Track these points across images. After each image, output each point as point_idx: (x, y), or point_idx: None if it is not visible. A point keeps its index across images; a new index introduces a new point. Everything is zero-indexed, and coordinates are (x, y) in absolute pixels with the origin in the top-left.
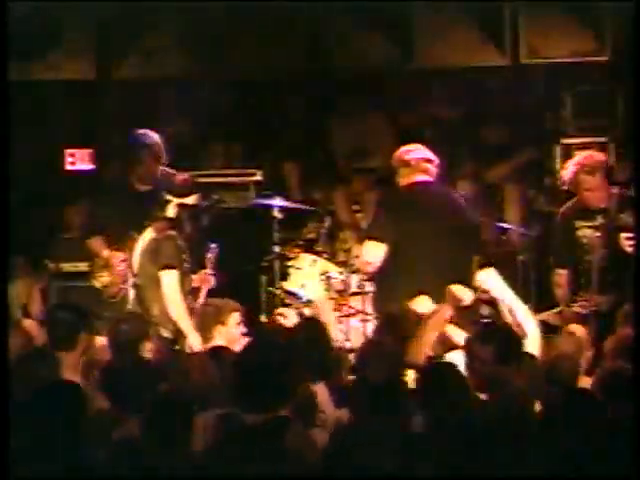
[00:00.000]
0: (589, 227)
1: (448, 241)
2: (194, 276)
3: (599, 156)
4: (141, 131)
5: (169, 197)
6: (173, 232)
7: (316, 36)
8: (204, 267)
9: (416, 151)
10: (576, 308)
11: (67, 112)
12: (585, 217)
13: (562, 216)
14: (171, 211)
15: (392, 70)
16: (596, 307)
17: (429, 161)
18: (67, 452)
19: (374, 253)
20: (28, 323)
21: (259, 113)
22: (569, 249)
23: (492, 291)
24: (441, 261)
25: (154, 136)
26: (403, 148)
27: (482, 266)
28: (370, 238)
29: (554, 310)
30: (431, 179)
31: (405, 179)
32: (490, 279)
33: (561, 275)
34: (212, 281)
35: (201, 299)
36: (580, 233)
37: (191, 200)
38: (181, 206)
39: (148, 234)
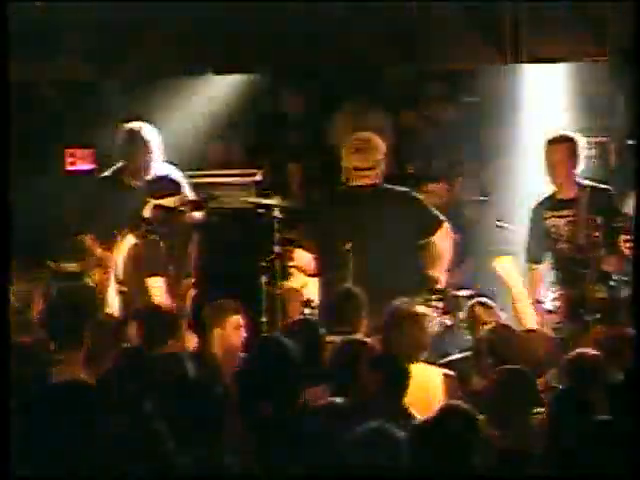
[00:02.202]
0: (558, 217)
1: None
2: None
3: (569, 135)
4: (136, 124)
5: (148, 198)
6: (154, 236)
7: (316, 35)
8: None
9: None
10: (547, 304)
11: (67, 112)
12: (555, 208)
13: (534, 211)
14: (147, 212)
15: (392, 70)
16: (565, 302)
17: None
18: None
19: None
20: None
21: (259, 113)
22: (541, 242)
23: (507, 279)
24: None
25: (150, 130)
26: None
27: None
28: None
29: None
30: (375, 181)
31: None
32: (507, 267)
33: (535, 270)
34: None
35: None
36: (549, 223)
37: (170, 202)
38: (159, 208)
39: (130, 238)
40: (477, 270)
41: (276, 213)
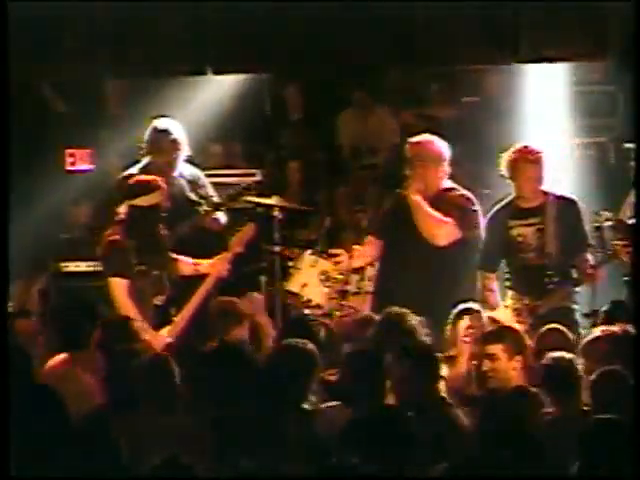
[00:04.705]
0: (525, 226)
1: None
2: (205, 262)
3: (538, 147)
4: (164, 121)
5: (123, 198)
6: (117, 237)
7: (317, 35)
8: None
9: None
10: (499, 313)
11: (67, 112)
12: (520, 216)
13: (493, 217)
14: (121, 212)
15: (393, 70)
16: (531, 310)
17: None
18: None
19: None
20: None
21: (259, 113)
22: (500, 251)
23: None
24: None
25: (177, 127)
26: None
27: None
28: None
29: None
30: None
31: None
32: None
33: (490, 279)
34: (225, 270)
35: (207, 286)
36: (514, 232)
37: (144, 201)
38: (132, 207)
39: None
40: None
41: (276, 213)
